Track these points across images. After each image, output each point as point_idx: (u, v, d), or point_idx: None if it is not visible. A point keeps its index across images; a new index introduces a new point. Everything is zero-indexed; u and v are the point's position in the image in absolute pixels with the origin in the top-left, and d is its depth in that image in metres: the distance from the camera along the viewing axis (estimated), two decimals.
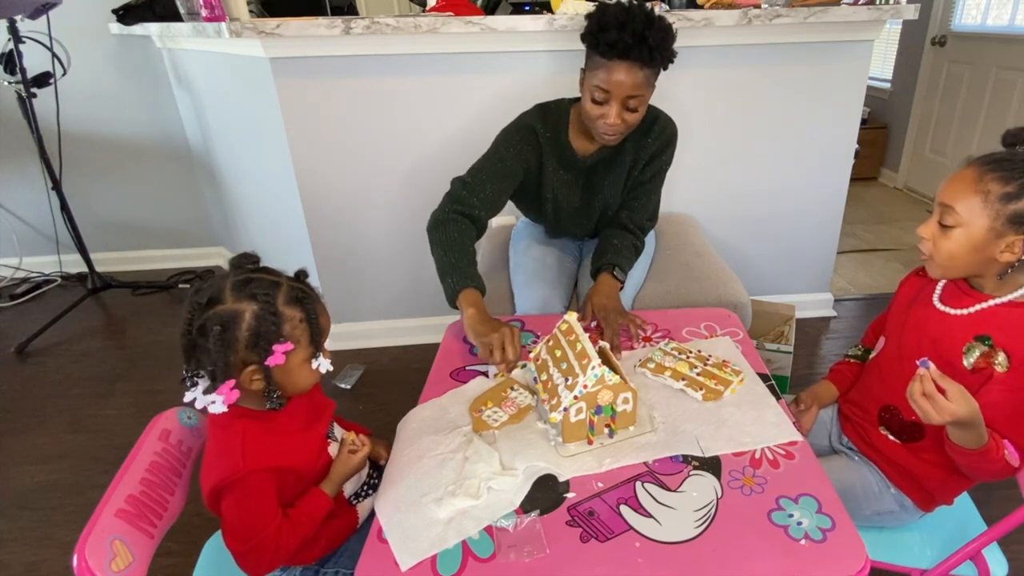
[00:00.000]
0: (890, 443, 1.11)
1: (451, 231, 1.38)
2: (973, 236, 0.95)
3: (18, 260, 3.19)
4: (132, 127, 3.00)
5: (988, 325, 0.98)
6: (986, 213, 0.93)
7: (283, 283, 0.91)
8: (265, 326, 0.86)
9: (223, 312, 0.86)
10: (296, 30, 1.84)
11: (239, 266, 0.92)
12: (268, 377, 0.89)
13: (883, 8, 2.00)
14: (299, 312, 0.90)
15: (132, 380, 2.33)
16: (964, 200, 0.94)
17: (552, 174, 1.56)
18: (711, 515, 0.86)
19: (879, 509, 1.11)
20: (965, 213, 0.94)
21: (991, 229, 0.93)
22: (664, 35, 1.30)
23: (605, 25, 1.29)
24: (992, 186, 0.92)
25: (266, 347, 0.87)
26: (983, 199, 0.93)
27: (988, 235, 0.94)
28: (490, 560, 0.81)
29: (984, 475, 0.98)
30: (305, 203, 2.20)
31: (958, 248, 0.97)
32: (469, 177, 1.47)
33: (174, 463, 1.01)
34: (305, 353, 0.92)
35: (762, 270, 2.46)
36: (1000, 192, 0.91)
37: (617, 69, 1.30)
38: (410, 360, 2.38)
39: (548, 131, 1.51)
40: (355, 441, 1.03)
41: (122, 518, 0.87)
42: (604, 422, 1.01)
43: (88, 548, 0.80)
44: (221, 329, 0.85)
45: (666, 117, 1.54)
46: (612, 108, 1.35)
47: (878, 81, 4.36)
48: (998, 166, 0.93)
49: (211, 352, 0.85)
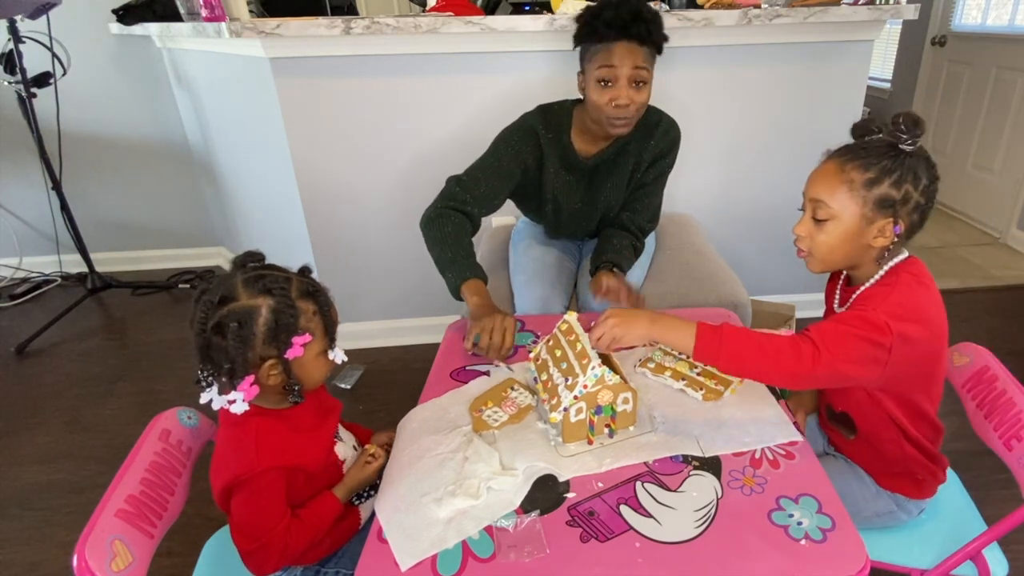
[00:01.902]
0: (847, 441, 1.12)
1: (445, 226, 1.38)
2: (847, 226, 0.97)
3: (18, 260, 3.20)
4: (132, 127, 3.01)
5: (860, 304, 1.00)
6: (854, 201, 0.95)
7: (293, 278, 0.92)
8: (284, 319, 0.87)
9: (239, 308, 0.86)
10: (296, 30, 1.84)
11: (244, 264, 0.93)
12: (288, 371, 0.90)
13: (883, 8, 2.00)
14: (312, 304, 0.92)
15: (132, 380, 2.33)
16: (831, 192, 0.97)
17: (553, 175, 1.56)
18: (711, 515, 0.86)
19: (878, 510, 1.11)
20: (835, 205, 0.97)
21: (862, 216, 0.96)
22: (655, 15, 1.35)
23: (597, 11, 1.34)
24: (854, 174, 0.95)
25: (286, 340, 0.88)
26: (848, 188, 0.95)
27: (860, 223, 0.96)
28: (490, 560, 0.81)
29: (762, 366, 0.93)
30: (305, 203, 2.20)
31: (835, 240, 0.99)
32: (464, 175, 1.47)
33: (174, 463, 1.01)
34: (320, 345, 0.94)
35: (762, 270, 2.46)
36: (863, 179, 0.94)
37: (619, 46, 1.34)
38: (410, 360, 2.38)
39: (550, 132, 1.52)
40: (375, 452, 1.04)
41: (122, 518, 0.87)
42: (604, 422, 1.01)
43: (88, 548, 0.80)
44: (238, 326, 0.85)
45: (670, 120, 1.55)
46: (621, 87, 1.36)
47: (878, 81, 4.36)
48: (855, 155, 0.96)
49: (229, 350, 0.86)
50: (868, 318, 0.91)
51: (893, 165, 0.93)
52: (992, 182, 3.35)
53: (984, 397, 1.07)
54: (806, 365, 0.90)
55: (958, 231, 3.47)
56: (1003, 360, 1.08)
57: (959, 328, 2.35)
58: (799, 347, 0.91)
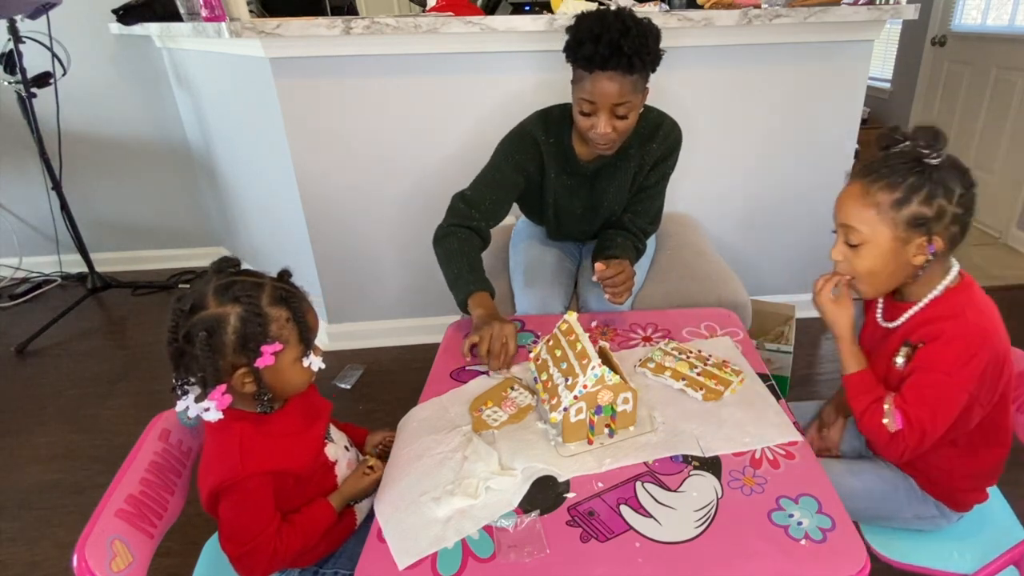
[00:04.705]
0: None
1: (451, 243, 1.41)
2: (882, 248, 0.95)
3: (18, 260, 3.19)
4: (132, 127, 3.00)
5: (915, 331, 0.99)
6: (884, 224, 0.93)
7: (266, 283, 0.91)
8: (251, 328, 0.86)
9: (208, 317, 0.85)
10: (296, 30, 1.84)
11: (220, 270, 0.92)
12: (259, 379, 0.89)
13: (883, 8, 2.00)
14: (285, 311, 0.90)
15: (132, 380, 2.33)
16: (860, 217, 0.95)
17: (554, 180, 1.55)
18: (711, 515, 0.86)
19: (920, 513, 1.09)
20: (866, 229, 0.95)
21: (896, 238, 0.93)
22: (642, 40, 1.28)
23: (580, 39, 1.30)
24: (880, 196, 0.92)
25: (254, 349, 0.86)
26: (876, 211, 0.93)
27: (895, 244, 0.94)
28: (490, 560, 0.81)
29: (863, 425, 1.00)
30: (305, 203, 2.20)
31: (873, 263, 0.97)
32: (469, 190, 1.49)
33: (174, 463, 1.01)
34: (295, 352, 0.92)
35: (762, 270, 2.46)
36: (890, 200, 0.92)
37: (599, 80, 1.30)
38: (410, 360, 2.38)
39: (550, 137, 1.51)
40: (374, 465, 1.03)
41: (122, 518, 0.87)
42: (604, 422, 1.01)
43: (88, 548, 0.80)
44: (207, 335, 0.84)
45: (671, 122, 1.53)
46: (601, 118, 1.34)
47: (878, 81, 4.36)
48: (878, 175, 0.93)
49: (199, 358, 0.85)
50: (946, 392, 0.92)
51: (920, 181, 0.90)
52: (992, 182, 3.35)
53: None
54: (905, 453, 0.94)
55: None
56: None
57: None
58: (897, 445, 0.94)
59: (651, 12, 1.88)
